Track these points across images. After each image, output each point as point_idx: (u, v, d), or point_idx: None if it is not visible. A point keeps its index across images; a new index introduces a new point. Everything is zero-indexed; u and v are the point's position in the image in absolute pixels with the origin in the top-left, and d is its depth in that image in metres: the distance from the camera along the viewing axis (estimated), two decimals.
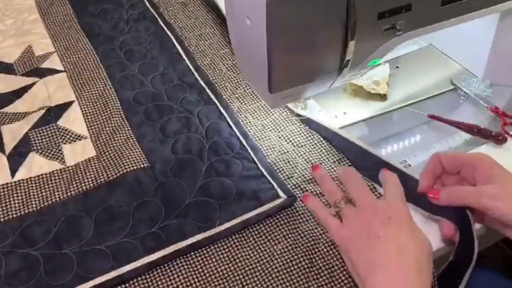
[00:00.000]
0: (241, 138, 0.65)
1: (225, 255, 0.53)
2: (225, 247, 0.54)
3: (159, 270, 0.52)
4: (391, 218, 0.47)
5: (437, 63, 0.79)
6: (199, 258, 0.53)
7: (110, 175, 0.61)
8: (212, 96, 0.71)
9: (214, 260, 0.53)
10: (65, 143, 0.65)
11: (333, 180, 0.56)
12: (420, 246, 0.46)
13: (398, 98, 0.73)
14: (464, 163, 0.53)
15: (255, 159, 0.62)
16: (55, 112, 0.69)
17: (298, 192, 0.59)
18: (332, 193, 0.53)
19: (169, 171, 0.61)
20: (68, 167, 0.63)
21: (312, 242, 0.54)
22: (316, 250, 0.53)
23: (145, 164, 0.62)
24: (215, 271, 0.52)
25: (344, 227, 0.49)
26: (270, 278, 0.51)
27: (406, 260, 0.44)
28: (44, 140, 0.65)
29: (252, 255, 0.53)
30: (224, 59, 0.78)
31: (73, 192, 0.59)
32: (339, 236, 0.49)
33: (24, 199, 0.59)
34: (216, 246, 0.54)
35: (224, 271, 0.52)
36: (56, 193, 0.59)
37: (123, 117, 0.68)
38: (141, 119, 0.68)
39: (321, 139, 0.65)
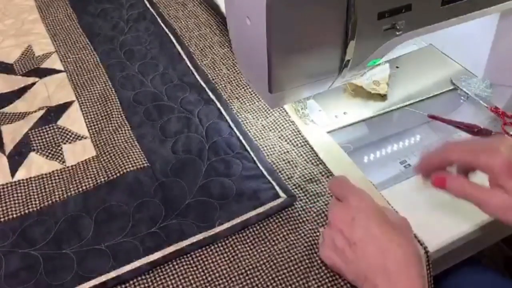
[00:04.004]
0: (241, 138, 0.65)
1: (225, 255, 0.53)
2: (225, 247, 0.54)
3: (159, 270, 0.52)
4: (355, 218, 0.48)
5: (437, 63, 0.79)
6: (199, 258, 0.53)
7: (110, 175, 0.61)
8: (212, 96, 0.71)
9: (214, 260, 0.53)
10: (65, 143, 0.65)
11: None
12: (397, 236, 0.46)
13: (398, 98, 0.73)
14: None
15: (255, 159, 0.62)
16: (55, 112, 0.69)
17: (298, 192, 0.59)
18: None
19: (169, 171, 0.61)
20: (68, 167, 0.63)
21: (312, 242, 0.54)
22: (316, 250, 0.53)
23: (145, 164, 0.62)
24: (215, 271, 0.52)
25: (322, 248, 0.51)
26: (270, 278, 0.51)
27: (393, 258, 0.45)
28: (44, 140, 0.65)
29: (252, 255, 0.53)
30: (224, 59, 0.78)
31: (73, 192, 0.59)
32: (323, 257, 0.51)
33: (24, 199, 0.58)
34: (216, 246, 0.54)
35: (224, 271, 0.52)
36: (56, 193, 0.59)
37: (123, 117, 0.68)
38: (141, 119, 0.68)
39: None
